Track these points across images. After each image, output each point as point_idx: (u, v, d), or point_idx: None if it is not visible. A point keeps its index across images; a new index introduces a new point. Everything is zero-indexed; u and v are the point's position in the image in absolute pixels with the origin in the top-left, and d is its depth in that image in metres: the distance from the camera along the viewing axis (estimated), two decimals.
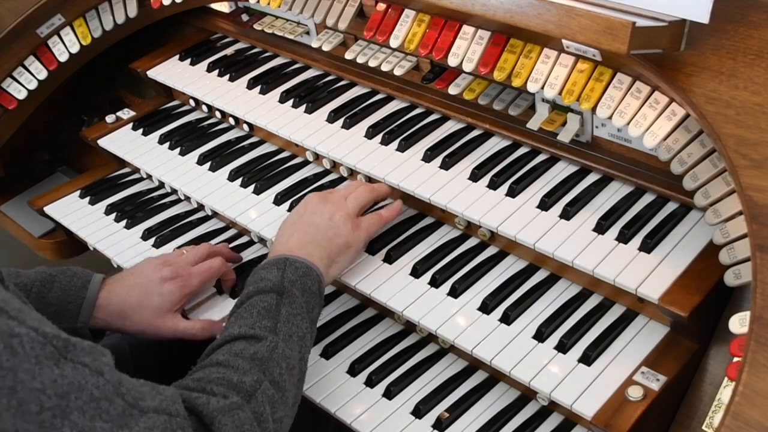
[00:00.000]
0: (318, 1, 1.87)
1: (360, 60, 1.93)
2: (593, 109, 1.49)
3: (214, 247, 1.82)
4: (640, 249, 1.47)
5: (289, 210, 1.85)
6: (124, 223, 2.07)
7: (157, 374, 2.02)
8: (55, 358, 1.02)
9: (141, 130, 2.23)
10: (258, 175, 1.97)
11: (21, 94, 2.29)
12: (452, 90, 1.78)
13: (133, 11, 2.28)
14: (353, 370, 1.62)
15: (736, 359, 1.20)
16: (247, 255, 1.92)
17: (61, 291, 1.59)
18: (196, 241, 1.97)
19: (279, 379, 1.33)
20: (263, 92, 2.08)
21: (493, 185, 1.66)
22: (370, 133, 1.86)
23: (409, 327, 1.69)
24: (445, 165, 1.73)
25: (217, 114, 2.20)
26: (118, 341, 2.02)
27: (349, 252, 1.63)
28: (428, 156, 1.76)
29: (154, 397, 1.14)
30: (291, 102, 2.02)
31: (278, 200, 1.88)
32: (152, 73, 2.27)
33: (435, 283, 1.62)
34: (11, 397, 0.97)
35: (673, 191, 1.52)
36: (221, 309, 1.74)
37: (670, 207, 1.54)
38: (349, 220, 1.63)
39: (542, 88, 1.53)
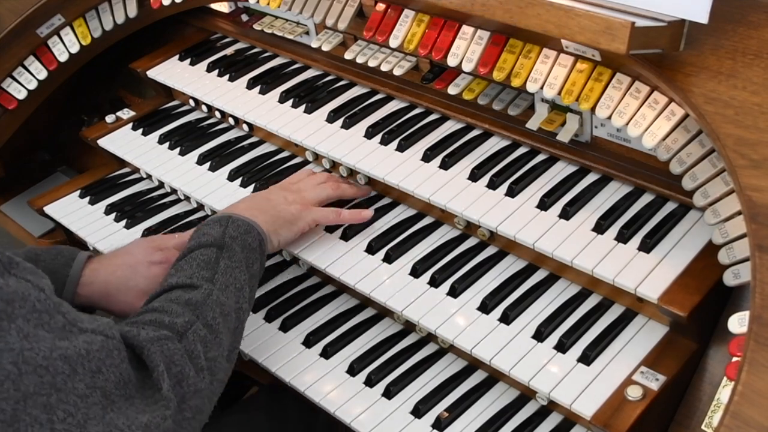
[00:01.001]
0: (317, 1, 1.87)
1: (359, 60, 1.93)
2: (592, 109, 1.49)
3: None
4: (640, 249, 1.47)
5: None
6: (123, 222, 2.07)
7: None
8: None
9: (141, 130, 2.23)
10: (257, 175, 1.98)
11: (21, 94, 2.29)
12: (452, 90, 1.78)
13: (132, 11, 2.28)
14: (353, 370, 1.62)
15: (735, 359, 1.20)
16: None
17: (44, 269, 1.59)
18: None
19: (212, 323, 1.38)
20: (263, 92, 2.08)
21: (493, 185, 1.67)
22: (370, 133, 1.86)
23: (409, 327, 1.70)
24: (445, 165, 1.73)
25: (217, 114, 2.20)
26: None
27: (293, 227, 1.69)
28: (428, 156, 1.76)
29: (92, 321, 1.20)
30: (290, 102, 2.02)
31: None
32: (152, 73, 2.28)
33: (434, 282, 1.62)
34: None
35: (673, 191, 1.53)
36: None
37: (670, 207, 1.54)
38: (300, 203, 1.71)
39: (541, 88, 1.53)
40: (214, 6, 2.35)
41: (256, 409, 1.75)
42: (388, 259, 1.68)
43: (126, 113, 2.30)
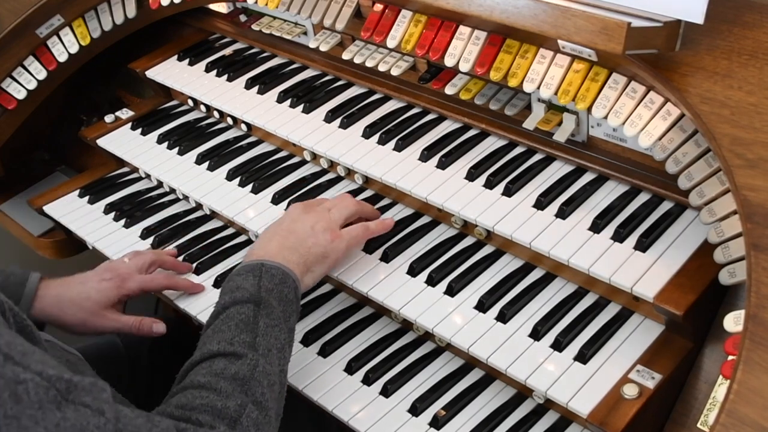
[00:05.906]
0: (315, 1, 1.88)
1: (357, 60, 1.93)
2: (589, 109, 1.49)
3: (161, 256, 1.87)
4: (636, 248, 1.48)
5: (287, 209, 1.86)
6: (123, 222, 2.08)
7: (149, 371, 2.03)
8: (56, 402, 1.04)
9: (140, 130, 2.23)
10: (256, 175, 1.98)
11: (20, 94, 2.29)
12: (449, 90, 1.79)
13: (131, 12, 2.28)
14: (350, 369, 1.62)
15: (730, 357, 1.21)
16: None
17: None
18: (194, 240, 1.99)
19: (261, 399, 1.33)
20: (261, 92, 2.09)
21: (490, 185, 1.67)
22: (368, 133, 1.87)
23: (406, 325, 1.70)
24: (442, 164, 1.74)
25: (216, 114, 2.20)
26: (113, 339, 2.03)
27: (326, 262, 1.62)
28: (425, 155, 1.77)
29: (150, 429, 1.16)
30: (289, 102, 2.03)
31: (276, 199, 1.89)
32: (151, 73, 2.28)
33: (431, 281, 1.62)
34: None
35: (668, 191, 1.53)
36: None
37: (665, 206, 1.55)
38: (329, 231, 1.62)
39: (538, 88, 1.54)
40: (213, 6, 2.36)
41: None
42: (386, 258, 1.69)
43: (125, 113, 2.30)
